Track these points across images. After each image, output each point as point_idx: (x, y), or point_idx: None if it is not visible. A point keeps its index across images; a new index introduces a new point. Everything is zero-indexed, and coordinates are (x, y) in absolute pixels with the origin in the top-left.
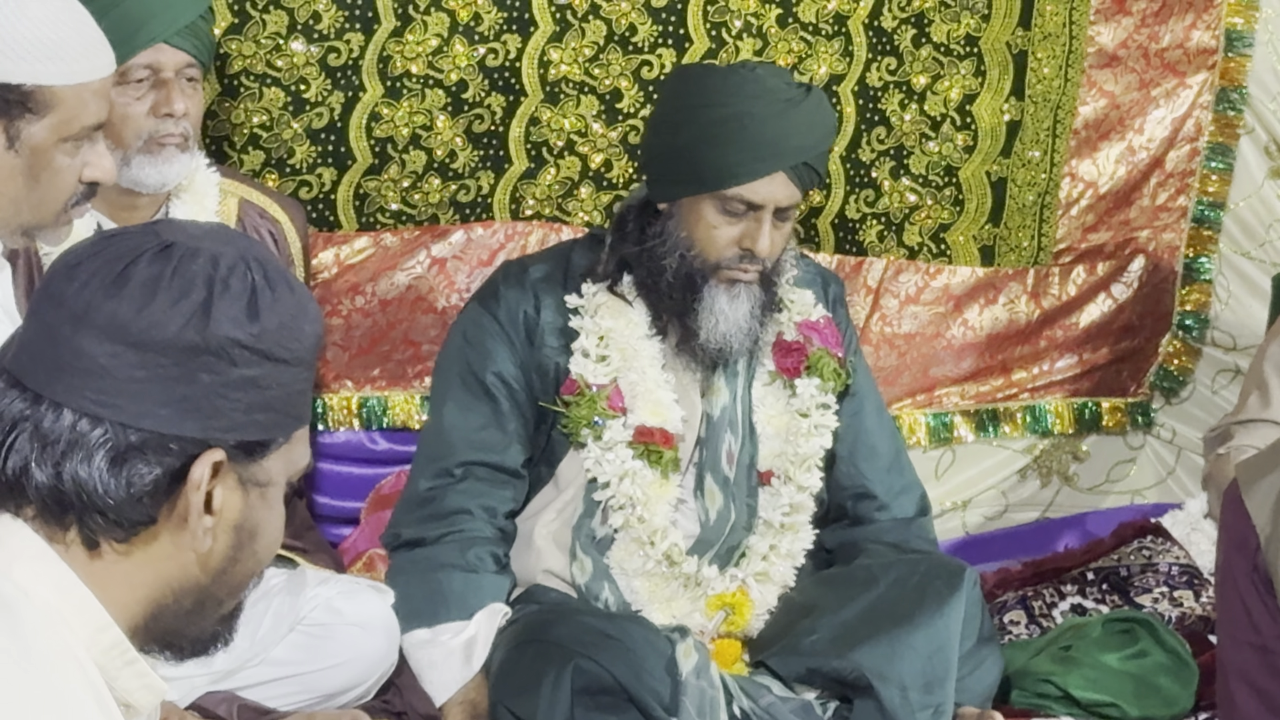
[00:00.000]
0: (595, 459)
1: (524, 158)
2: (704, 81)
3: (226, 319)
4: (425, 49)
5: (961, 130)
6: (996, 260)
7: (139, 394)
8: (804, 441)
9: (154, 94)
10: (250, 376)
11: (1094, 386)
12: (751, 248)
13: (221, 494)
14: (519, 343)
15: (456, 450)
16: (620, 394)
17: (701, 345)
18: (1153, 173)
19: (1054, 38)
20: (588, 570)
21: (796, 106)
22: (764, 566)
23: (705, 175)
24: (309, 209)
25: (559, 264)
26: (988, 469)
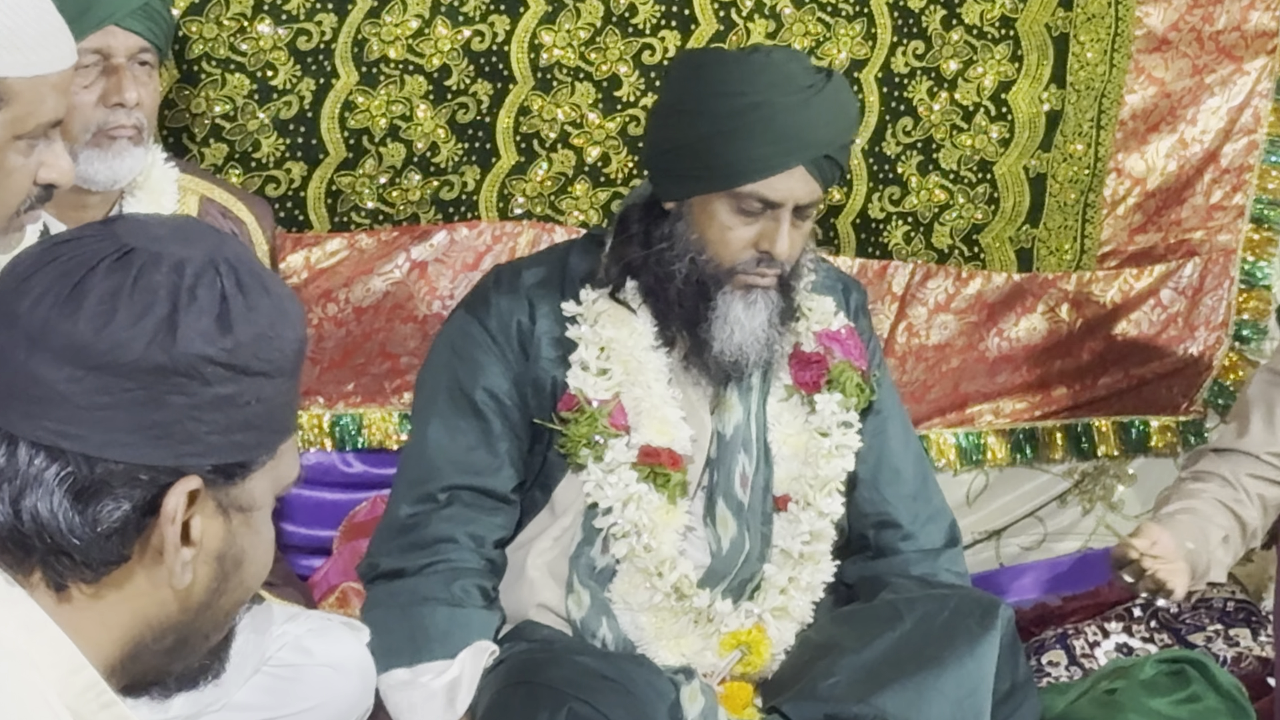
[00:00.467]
0: (596, 482)
1: (513, 151)
2: (715, 68)
3: (195, 334)
4: (404, 31)
5: (996, 121)
6: (1035, 264)
7: (103, 422)
8: (824, 463)
9: (103, 81)
10: (226, 395)
11: (1142, 403)
12: (770, 249)
13: (200, 523)
14: (512, 355)
15: (441, 473)
16: (623, 411)
17: (715, 358)
18: (1207, 168)
19: (1098, 19)
20: (585, 604)
21: (818, 94)
22: (782, 601)
23: (718, 171)
24: (276, 207)
25: (555, 268)
26: (1024, 494)
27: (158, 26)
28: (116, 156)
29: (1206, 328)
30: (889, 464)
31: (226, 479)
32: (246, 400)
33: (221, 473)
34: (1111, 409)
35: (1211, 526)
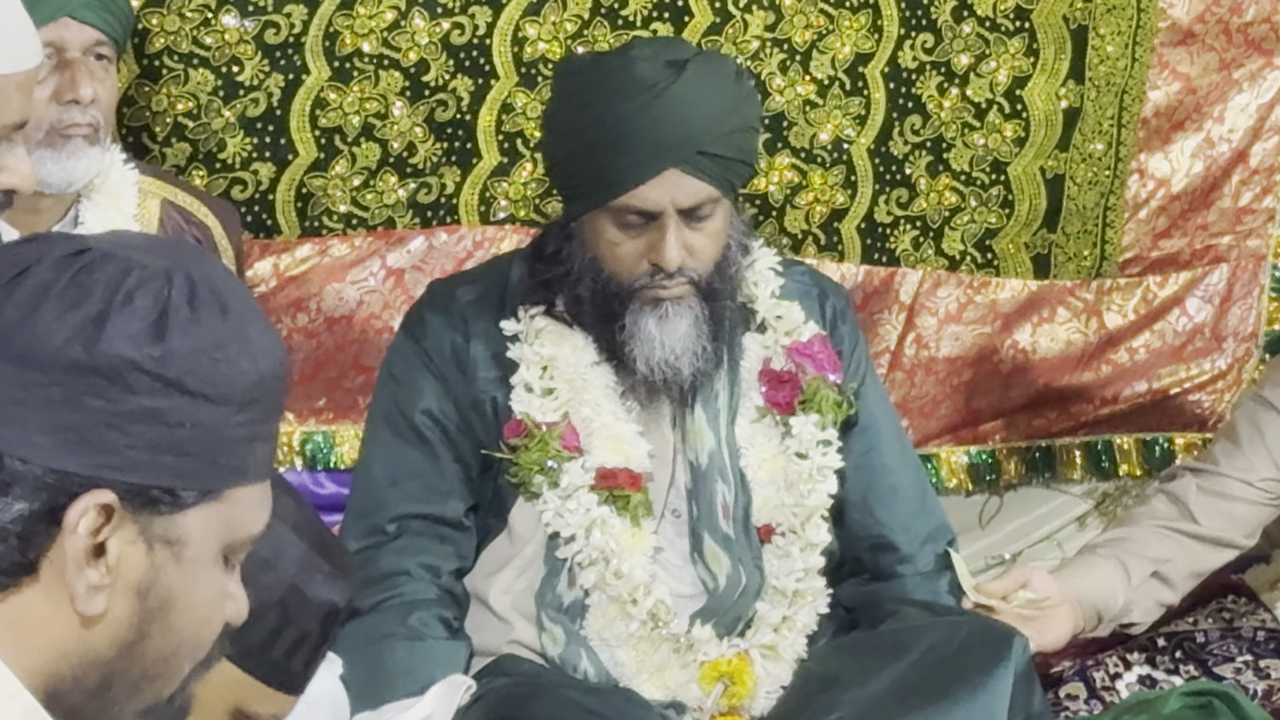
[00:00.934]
0: (554, 510)
1: (495, 151)
2: (569, 79)
3: (122, 336)
4: (379, 24)
5: (1011, 119)
6: (1052, 272)
7: (15, 418)
8: (806, 489)
9: (56, 77)
10: (152, 408)
11: (1166, 419)
12: (657, 260)
13: (117, 546)
14: (450, 375)
15: (387, 504)
16: (575, 432)
17: (644, 375)
18: (1235, 169)
19: (1119, 10)
20: (560, 641)
21: (665, 91)
22: (773, 639)
23: (587, 188)
24: (243, 211)
25: (494, 283)
26: (1041, 516)
27: (115, 18)
28: (71, 157)
29: (1235, 339)
30: (883, 482)
31: (149, 504)
32: (178, 420)
33: (142, 495)
34: (1134, 425)
35: (1138, 561)
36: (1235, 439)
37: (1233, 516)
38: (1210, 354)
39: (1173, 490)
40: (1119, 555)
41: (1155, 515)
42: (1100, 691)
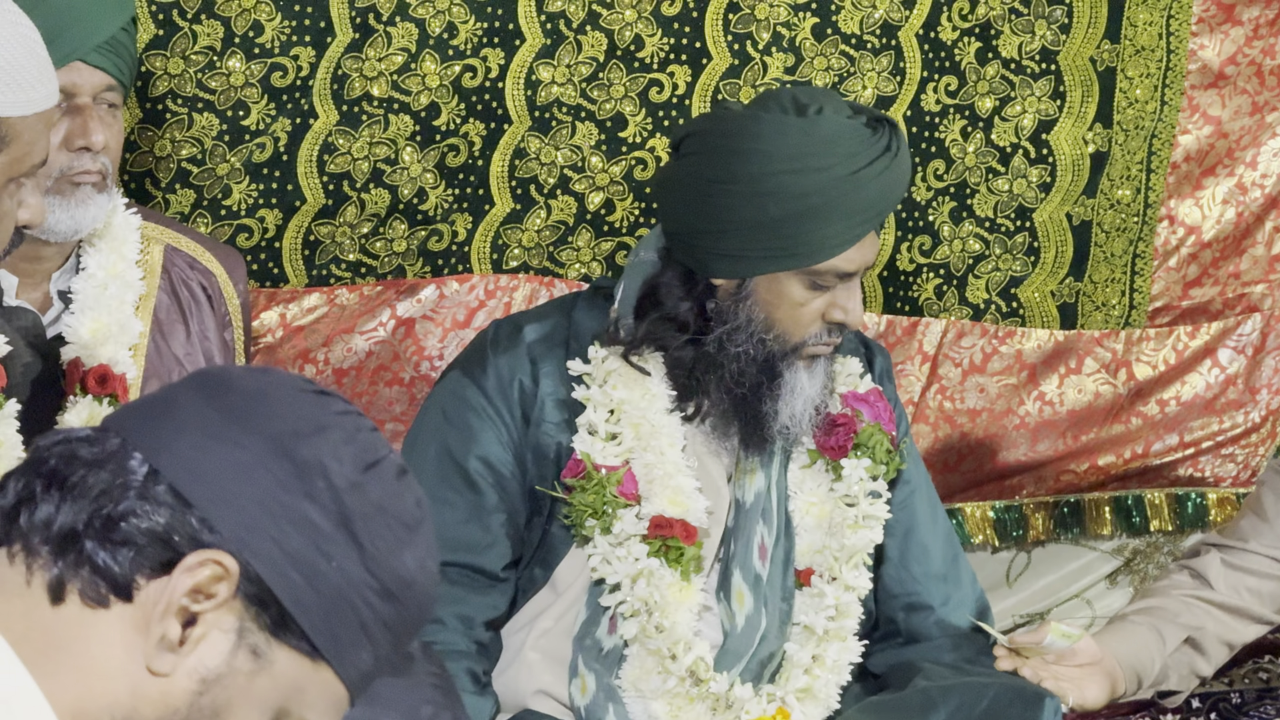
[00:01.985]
0: (603, 556)
1: (508, 198)
2: (778, 140)
3: (333, 446)
4: (389, 67)
5: (1036, 164)
6: (1079, 321)
7: (199, 449)
8: (850, 534)
9: (67, 122)
10: (313, 521)
11: (1198, 474)
12: (843, 319)
13: (210, 622)
14: (511, 421)
15: None
16: (634, 479)
17: (779, 431)
18: (1268, 215)
19: (1148, 52)
20: (590, 691)
21: (896, 155)
22: (806, 681)
23: (798, 250)
24: (249, 259)
25: (559, 323)
26: (1070, 574)
27: (124, 62)
28: (80, 205)
29: (1269, 390)
30: (917, 540)
31: (259, 607)
32: (327, 552)
33: (259, 595)
34: (1165, 480)
35: (1172, 627)
36: (1261, 513)
37: (1260, 593)
38: (1243, 406)
39: (1196, 566)
40: (1152, 621)
41: (1180, 586)
42: None
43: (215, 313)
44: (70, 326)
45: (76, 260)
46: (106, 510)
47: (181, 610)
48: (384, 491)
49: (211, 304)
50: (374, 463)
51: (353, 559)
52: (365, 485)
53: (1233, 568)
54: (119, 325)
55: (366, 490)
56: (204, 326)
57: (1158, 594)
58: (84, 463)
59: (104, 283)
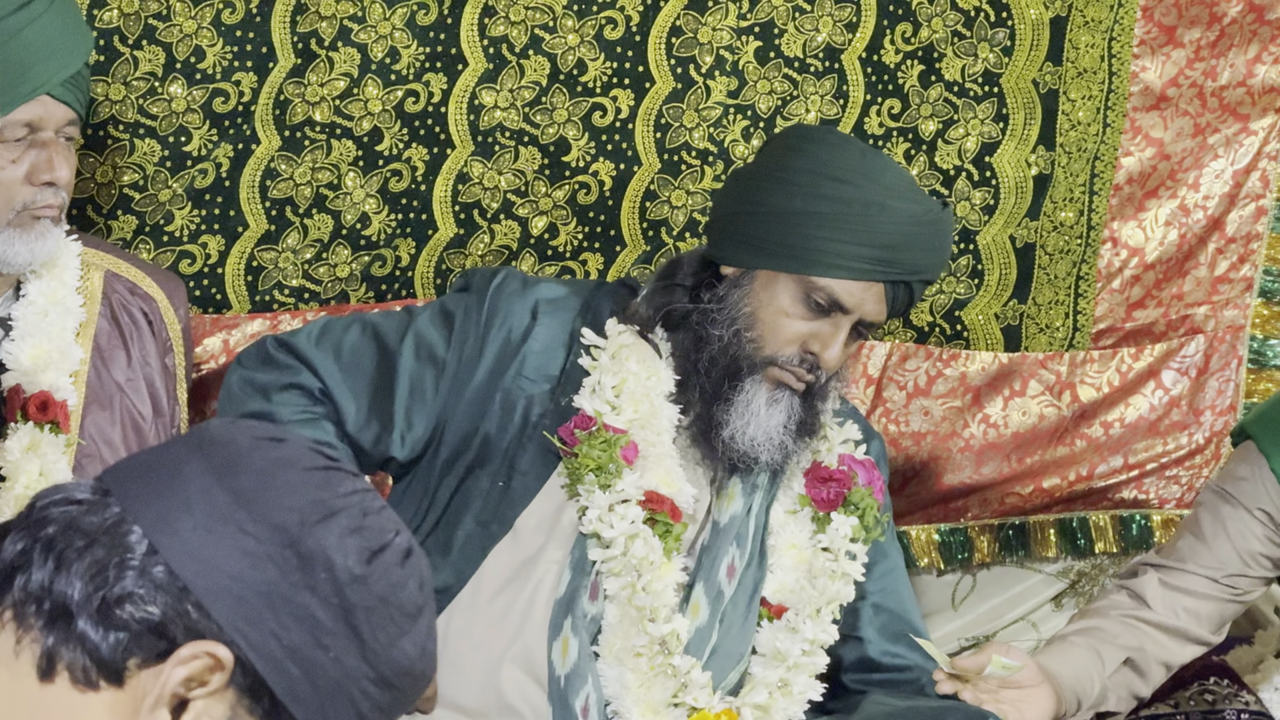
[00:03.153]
0: (599, 513)
1: (451, 222)
2: (837, 151)
3: (338, 536)
4: (331, 92)
5: (980, 187)
6: (1023, 344)
7: (204, 533)
8: (829, 583)
9: (32, 155)
10: (314, 615)
11: (1143, 496)
12: (818, 352)
13: (200, 709)
14: (474, 351)
15: (328, 371)
16: (635, 449)
17: (725, 441)
18: (1211, 237)
19: (1090, 74)
20: (572, 657)
21: (935, 217)
22: (766, 700)
23: (801, 253)
24: (192, 285)
25: (573, 296)
26: (1015, 596)
27: (83, 94)
28: (39, 238)
29: (1213, 412)
30: (905, 620)
31: (252, 697)
32: (326, 644)
33: (252, 686)
34: (1109, 502)
35: (1111, 648)
36: (1199, 534)
37: (1198, 614)
38: (1188, 428)
39: (1133, 586)
40: (1091, 642)
41: (1119, 607)
42: None
43: (156, 338)
44: (10, 353)
45: (16, 287)
46: (103, 591)
47: (173, 697)
48: (387, 582)
49: (153, 329)
50: (379, 550)
51: (352, 652)
52: (368, 578)
53: (1170, 588)
54: (59, 352)
55: (370, 583)
56: (145, 352)
57: (1096, 614)
58: (83, 533)
59: (44, 309)
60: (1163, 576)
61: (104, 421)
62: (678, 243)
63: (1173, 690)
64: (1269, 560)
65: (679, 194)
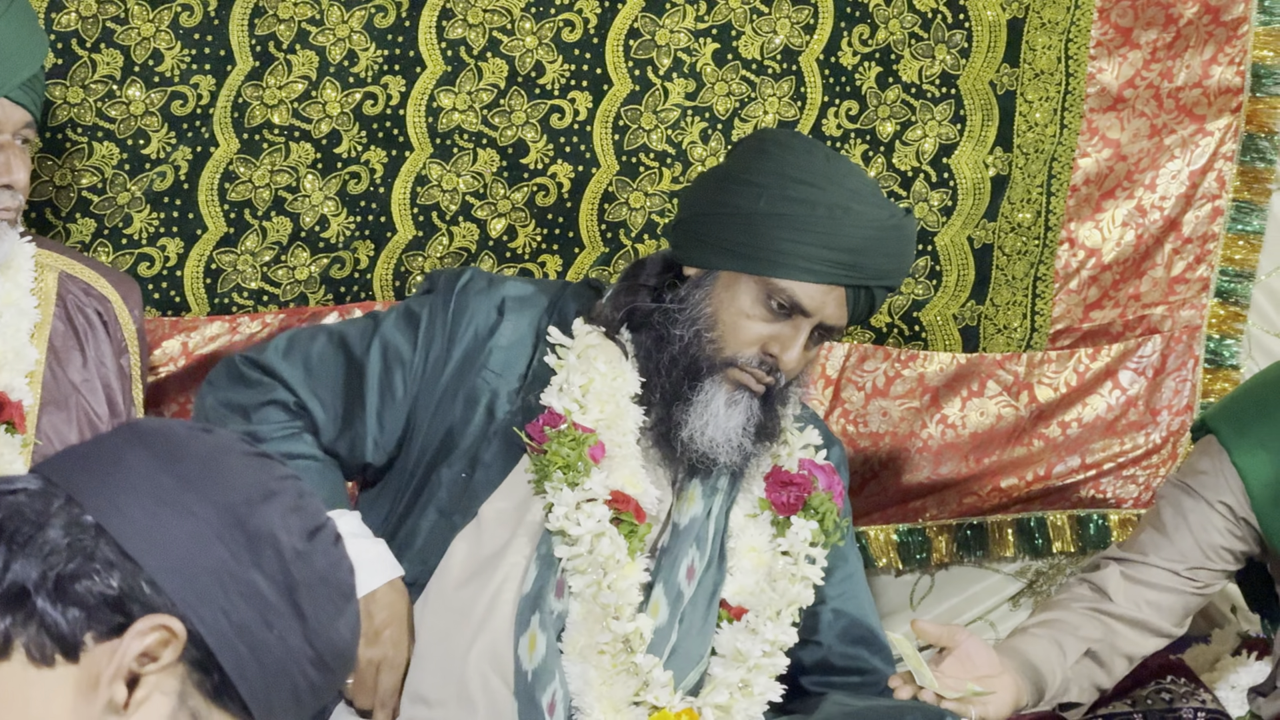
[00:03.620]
0: (566, 510)
1: (410, 225)
2: (802, 154)
3: (281, 515)
4: (289, 94)
5: (938, 188)
6: (981, 344)
7: (152, 516)
8: (789, 585)
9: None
10: (261, 591)
11: (1100, 495)
12: (778, 354)
13: (153, 684)
14: (441, 353)
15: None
16: (603, 448)
17: (684, 441)
18: (1167, 237)
19: (1047, 76)
20: (539, 653)
21: (898, 223)
22: (728, 700)
23: (763, 254)
24: (151, 288)
25: (540, 294)
26: (973, 596)
27: (39, 97)
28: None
29: (1170, 412)
30: (865, 624)
31: (202, 672)
32: (271, 621)
33: (202, 660)
34: (1067, 502)
35: (1072, 640)
36: (1161, 527)
37: (1159, 606)
38: (1144, 428)
39: (1095, 579)
40: (1052, 634)
41: (1080, 599)
42: None
43: (111, 339)
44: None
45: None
46: (58, 569)
47: (128, 672)
48: (327, 560)
49: (107, 330)
50: (317, 529)
51: (295, 631)
52: (310, 554)
53: (1132, 581)
54: (14, 353)
55: (312, 559)
56: (100, 353)
57: (1057, 607)
58: (33, 518)
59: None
60: (1124, 569)
61: (60, 422)
62: (636, 244)
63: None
64: (1230, 553)
65: (637, 196)
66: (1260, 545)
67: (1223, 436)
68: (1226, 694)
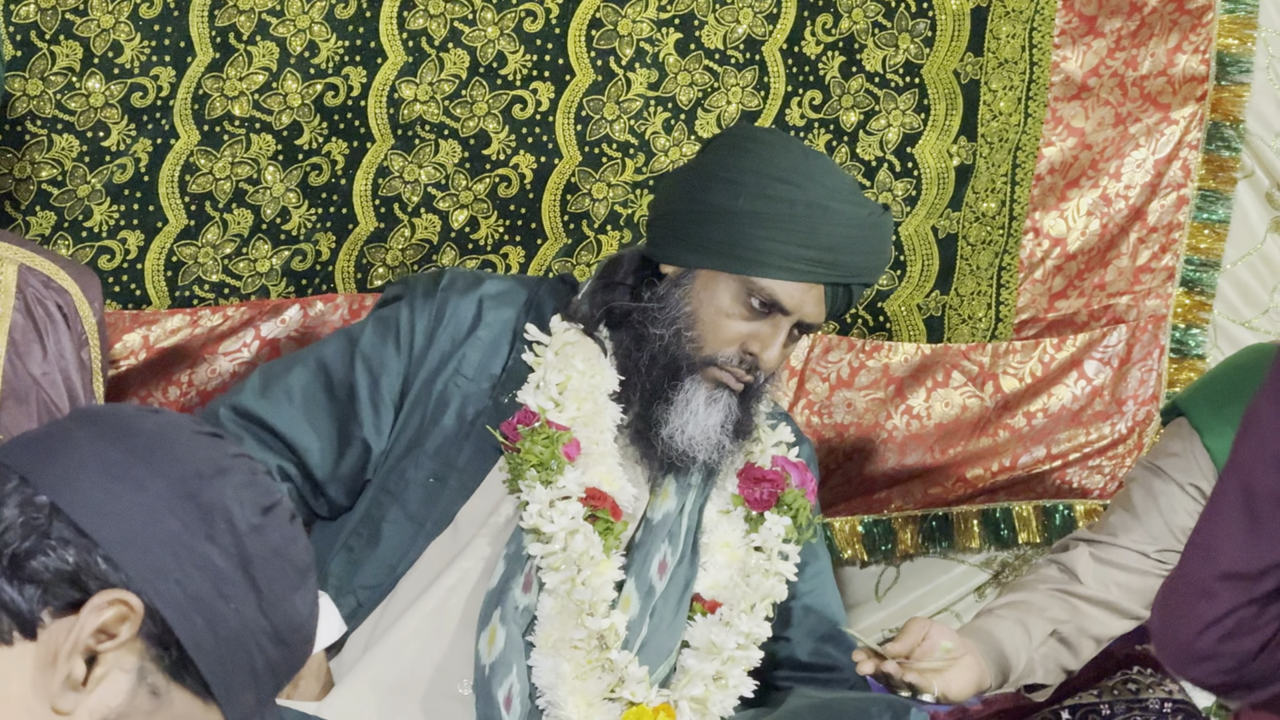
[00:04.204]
0: (539, 509)
1: (371, 216)
2: (784, 153)
3: (235, 489)
4: (250, 86)
5: (902, 178)
6: (946, 335)
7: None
8: (762, 580)
9: None
10: (215, 564)
11: (1066, 486)
12: (757, 353)
13: (112, 661)
14: (421, 360)
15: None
16: (578, 446)
17: (664, 440)
18: (1132, 226)
19: (1011, 65)
20: (498, 646)
21: (876, 220)
22: (703, 693)
23: (742, 253)
24: (111, 281)
25: (518, 290)
26: (939, 587)
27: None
28: None
29: (1135, 402)
30: (833, 621)
31: (160, 647)
32: (227, 593)
33: (160, 634)
34: (1033, 492)
35: (1038, 621)
36: (1131, 509)
37: (1128, 588)
38: (1110, 418)
39: (1064, 560)
40: (1018, 616)
41: (1047, 580)
42: None
43: (72, 332)
44: None
45: None
46: (14, 547)
47: (85, 649)
48: (281, 535)
49: (68, 323)
50: (271, 506)
51: (250, 603)
52: (264, 528)
53: (1102, 562)
54: None
55: (266, 533)
56: (61, 346)
57: (1024, 588)
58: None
59: None
60: (1094, 550)
61: (21, 416)
62: (599, 235)
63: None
64: None
65: (600, 186)
66: None
67: (1194, 419)
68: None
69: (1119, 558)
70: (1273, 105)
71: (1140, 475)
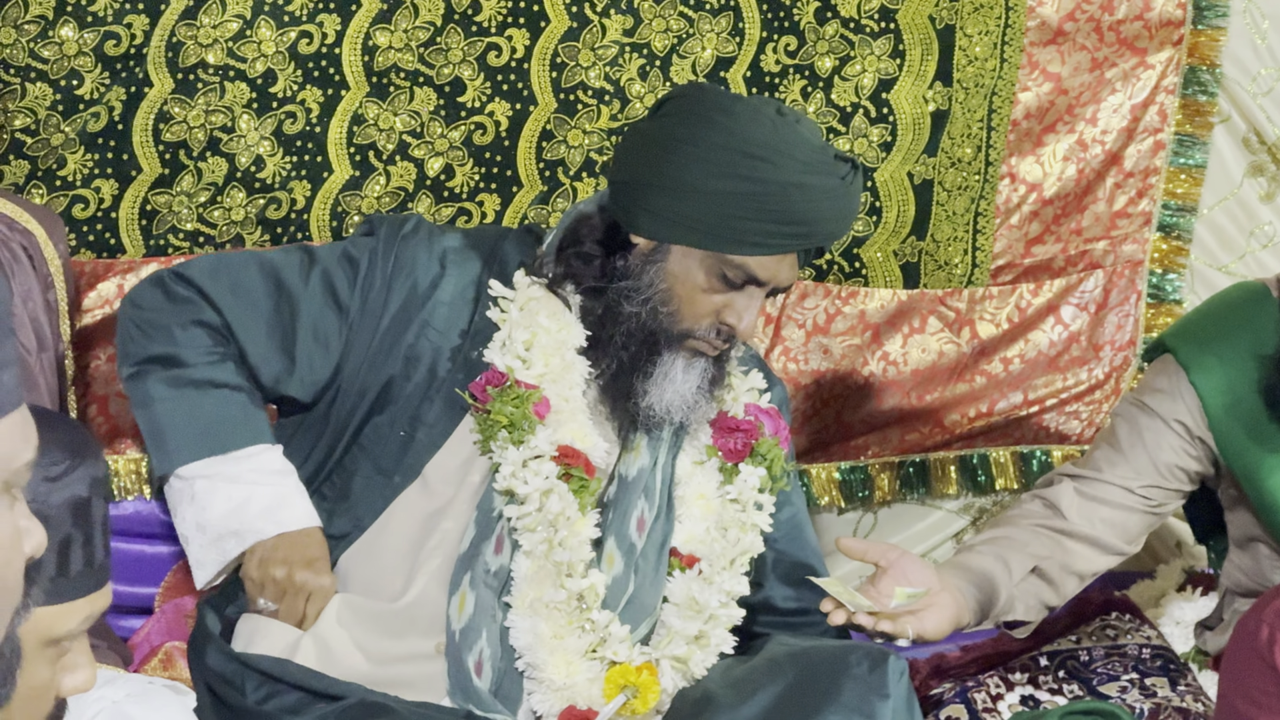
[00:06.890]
0: (512, 469)
1: (346, 164)
2: (754, 125)
3: None
4: (224, 34)
5: (877, 124)
6: (922, 281)
7: None
8: (740, 534)
9: None
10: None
11: (1043, 432)
12: (734, 324)
13: None
14: (377, 301)
15: (232, 311)
16: (548, 404)
17: (643, 409)
18: (1109, 171)
19: (986, 9)
20: (468, 611)
21: (849, 185)
22: (685, 652)
23: (721, 232)
24: (85, 230)
25: (481, 242)
26: (916, 534)
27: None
28: None
29: (1112, 347)
30: (808, 565)
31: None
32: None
33: None
34: (1010, 438)
35: (1019, 556)
36: (1116, 444)
37: (1113, 523)
38: (1087, 364)
39: (1048, 495)
40: (998, 551)
41: (1030, 515)
42: (982, 713)
43: (37, 274)
44: None
45: None
46: None
47: None
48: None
49: (33, 264)
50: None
51: None
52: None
53: (1087, 498)
54: None
55: None
56: (28, 288)
57: (1006, 523)
58: None
59: None
60: (1079, 485)
61: None
62: (575, 183)
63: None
64: (1184, 473)
65: (575, 133)
66: (1214, 466)
67: (1181, 355)
68: (1171, 629)
69: (1104, 493)
70: (1249, 49)
71: (1126, 411)
